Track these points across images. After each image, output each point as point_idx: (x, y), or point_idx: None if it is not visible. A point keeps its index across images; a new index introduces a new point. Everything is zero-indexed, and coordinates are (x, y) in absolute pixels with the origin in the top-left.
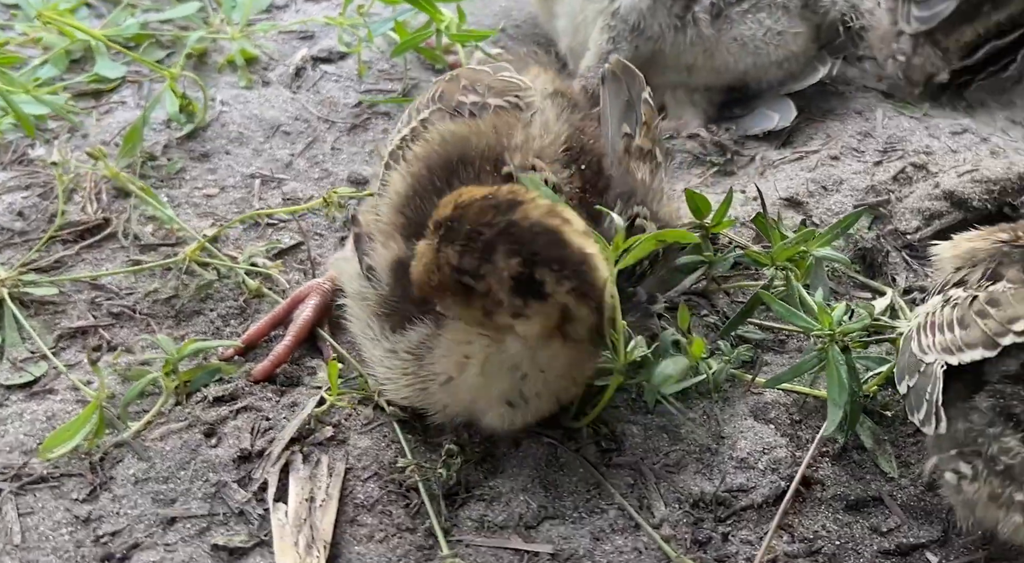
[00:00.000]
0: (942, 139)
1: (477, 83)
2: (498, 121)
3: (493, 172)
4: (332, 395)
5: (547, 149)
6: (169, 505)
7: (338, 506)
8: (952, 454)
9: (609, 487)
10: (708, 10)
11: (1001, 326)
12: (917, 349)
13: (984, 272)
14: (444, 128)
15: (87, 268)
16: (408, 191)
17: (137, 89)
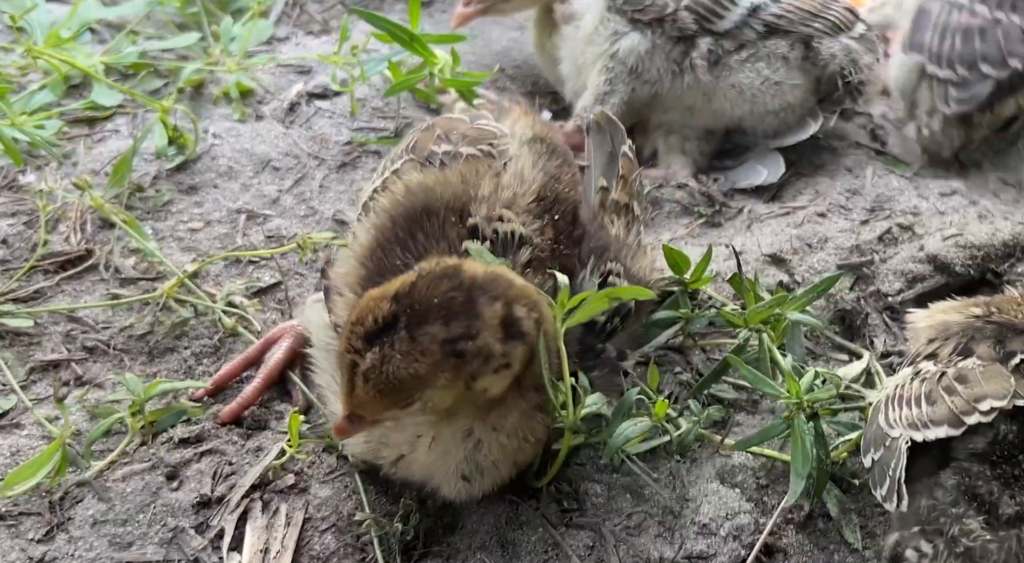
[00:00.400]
0: (931, 200)
1: (452, 132)
2: (467, 170)
3: (458, 223)
4: (292, 447)
5: (519, 199)
6: (125, 549)
7: (293, 557)
8: (915, 531)
9: (567, 548)
10: (706, 57)
11: (968, 404)
12: (884, 422)
13: (955, 346)
14: (410, 179)
15: (66, 299)
16: (371, 243)
17: (132, 118)
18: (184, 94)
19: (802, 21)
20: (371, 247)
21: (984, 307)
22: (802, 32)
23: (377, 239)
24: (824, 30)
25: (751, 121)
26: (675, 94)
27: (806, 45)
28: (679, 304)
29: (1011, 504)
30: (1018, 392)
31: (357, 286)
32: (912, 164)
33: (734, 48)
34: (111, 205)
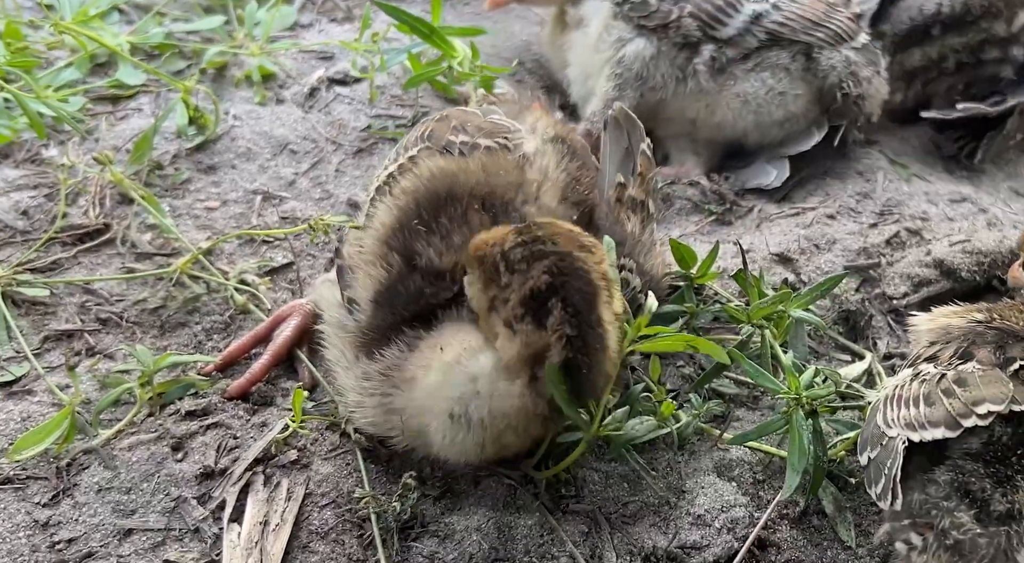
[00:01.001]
0: (940, 206)
1: (467, 124)
2: (487, 161)
3: (480, 210)
4: (295, 422)
5: (543, 195)
6: (128, 516)
7: (292, 531)
8: (905, 524)
9: (562, 534)
10: (709, 64)
11: (965, 407)
12: (882, 421)
13: (956, 350)
14: (433, 163)
15: (82, 271)
16: (394, 223)
17: (155, 98)
18: (207, 76)
19: (804, 30)
20: (394, 227)
21: (986, 313)
22: (804, 41)
23: (400, 220)
24: (826, 40)
25: (756, 133)
26: (679, 103)
27: (807, 56)
28: (684, 298)
29: (1002, 501)
30: (1015, 398)
31: (379, 264)
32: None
33: (738, 57)
34: (130, 181)
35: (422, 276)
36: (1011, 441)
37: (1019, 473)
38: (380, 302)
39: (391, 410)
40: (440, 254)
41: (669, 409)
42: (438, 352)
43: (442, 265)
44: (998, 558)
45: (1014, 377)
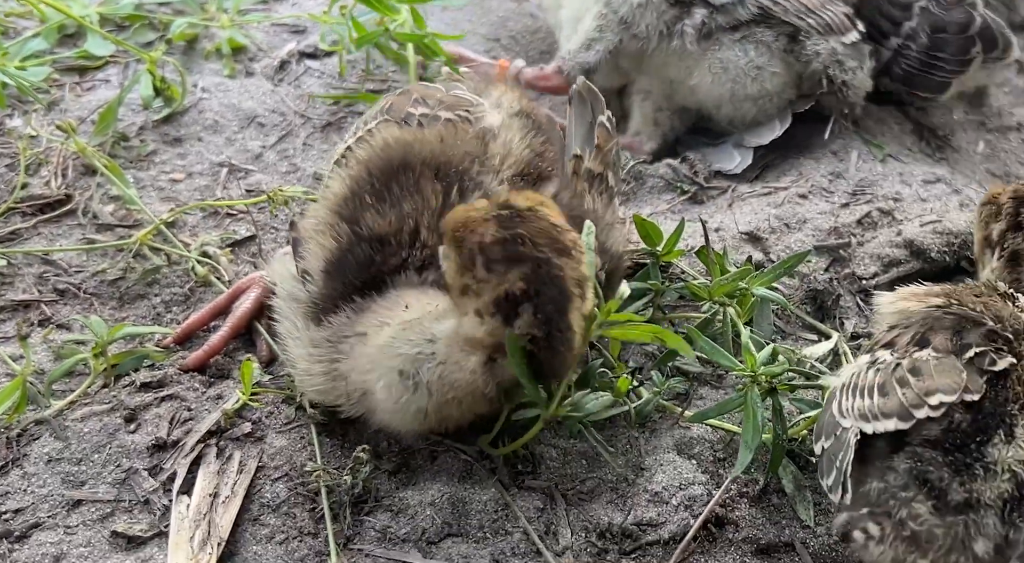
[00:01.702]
0: (913, 186)
1: (428, 97)
2: (446, 132)
3: (434, 179)
4: (245, 394)
5: (503, 169)
6: (77, 488)
7: (244, 504)
8: (863, 513)
9: (517, 510)
10: (698, 27)
11: (918, 398)
12: (836, 411)
13: (913, 336)
14: (388, 133)
15: (42, 242)
16: (346, 192)
17: (123, 69)
18: (177, 48)
19: (796, 12)
20: (345, 196)
21: (944, 297)
22: (793, 24)
23: (352, 188)
24: (815, 27)
25: (729, 107)
26: (660, 58)
27: (793, 38)
28: (650, 276)
29: (960, 491)
30: (968, 386)
31: (329, 233)
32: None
33: (727, 25)
34: (94, 150)
35: (370, 244)
36: (970, 428)
37: (978, 461)
38: (330, 272)
39: (338, 376)
40: (389, 222)
41: (625, 385)
42: (398, 310)
43: (390, 231)
44: (955, 548)
45: (969, 364)
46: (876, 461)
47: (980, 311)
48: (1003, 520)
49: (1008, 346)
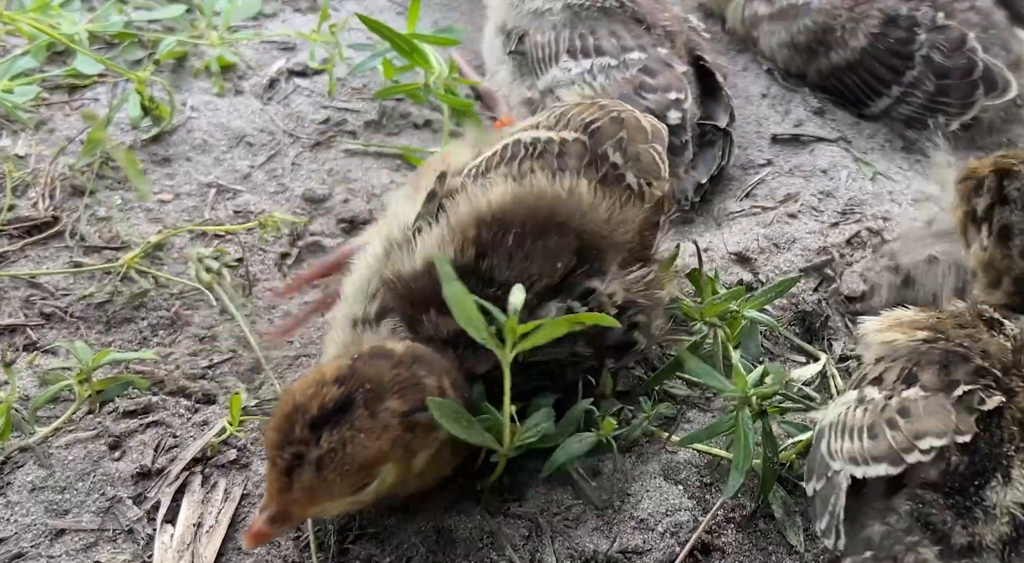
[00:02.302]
0: (903, 205)
1: (631, 144)
2: (609, 202)
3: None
4: (232, 425)
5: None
6: (61, 516)
7: (228, 533)
8: (867, 557)
9: (502, 538)
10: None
11: (908, 441)
12: (825, 451)
13: (900, 372)
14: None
15: (28, 265)
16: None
17: (112, 87)
18: (166, 66)
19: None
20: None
21: (930, 331)
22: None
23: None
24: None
25: None
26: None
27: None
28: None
29: (963, 535)
30: (959, 427)
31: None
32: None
33: None
34: (115, 144)
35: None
36: (968, 471)
37: (977, 504)
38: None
39: None
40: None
41: (610, 427)
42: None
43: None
44: None
45: (958, 403)
46: (875, 501)
47: (967, 346)
48: (1003, 562)
49: (996, 383)
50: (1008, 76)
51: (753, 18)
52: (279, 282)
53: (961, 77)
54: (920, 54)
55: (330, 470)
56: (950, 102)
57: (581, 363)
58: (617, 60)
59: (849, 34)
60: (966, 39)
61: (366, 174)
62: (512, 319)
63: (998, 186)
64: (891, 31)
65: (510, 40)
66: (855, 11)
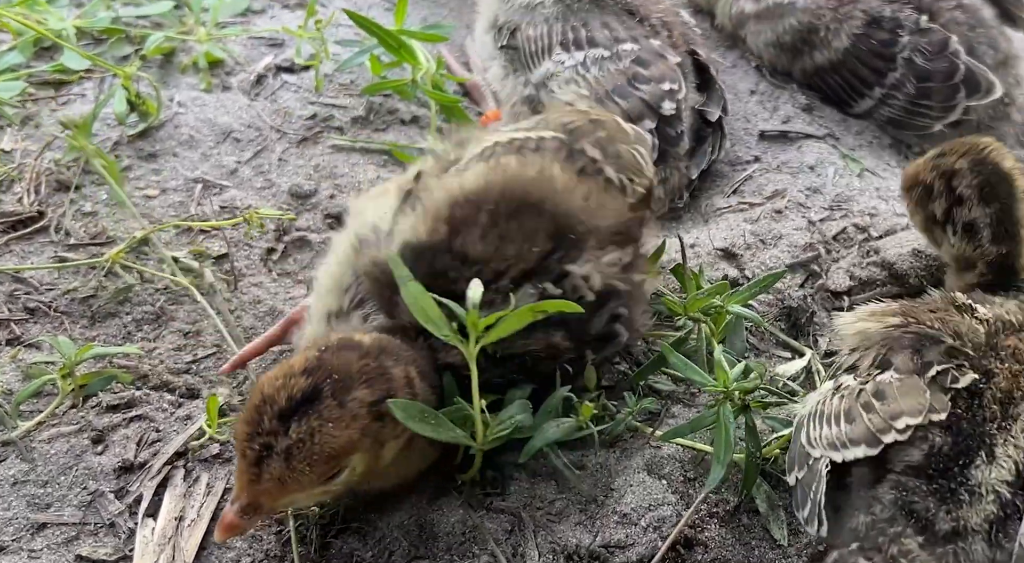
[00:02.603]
0: (890, 202)
1: (608, 143)
2: (592, 191)
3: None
4: (212, 428)
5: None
6: (43, 510)
7: (210, 526)
8: (853, 548)
9: (485, 532)
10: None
11: (884, 422)
12: (805, 440)
13: (874, 358)
14: (526, 160)
15: (13, 260)
16: (461, 195)
17: (99, 83)
18: (154, 62)
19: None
20: (455, 199)
21: (902, 316)
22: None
23: (464, 196)
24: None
25: None
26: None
27: None
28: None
29: (947, 520)
30: (934, 405)
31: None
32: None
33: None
34: (95, 148)
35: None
36: (952, 451)
37: (962, 485)
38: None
39: None
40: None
41: (588, 411)
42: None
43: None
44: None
45: (932, 383)
46: (860, 490)
47: (938, 328)
48: (990, 543)
49: (969, 361)
50: (992, 78)
51: (740, 16)
52: (265, 277)
53: (943, 80)
54: (902, 56)
55: (299, 460)
56: (931, 105)
57: (559, 355)
58: (610, 51)
59: (832, 35)
60: (948, 42)
61: (353, 170)
62: (472, 313)
63: (948, 188)
64: (874, 33)
65: (501, 35)
66: (839, 12)
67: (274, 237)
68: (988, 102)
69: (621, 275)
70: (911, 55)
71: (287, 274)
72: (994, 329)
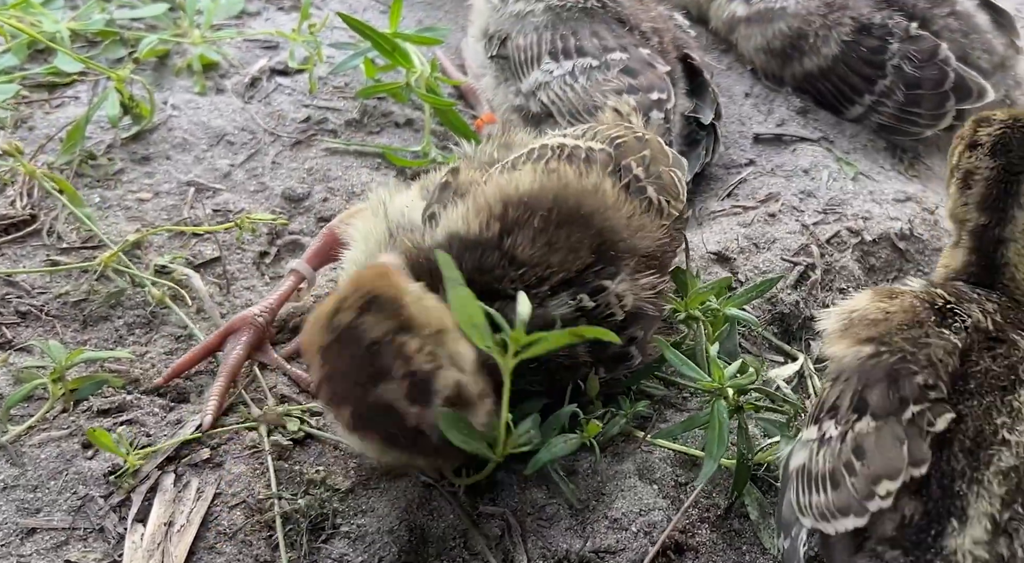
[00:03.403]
0: (884, 206)
1: (652, 162)
2: (631, 214)
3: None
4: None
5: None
6: (32, 515)
7: (200, 532)
8: None
9: (475, 537)
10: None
11: (867, 487)
12: (795, 505)
13: (852, 398)
14: (566, 173)
15: (5, 263)
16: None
17: (93, 86)
18: (148, 64)
19: (571, 113)
20: (491, 203)
21: (875, 344)
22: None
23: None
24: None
25: None
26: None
27: None
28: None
29: None
30: (913, 457)
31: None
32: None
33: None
34: (45, 172)
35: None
36: (923, 520)
37: (937, 556)
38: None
39: None
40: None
41: (595, 430)
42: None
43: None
44: None
45: (911, 425)
46: (842, 556)
47: (912, 356)
48: None
49: (945, 396)
50: (983, 83)
51: (731, 20)
52: (257, 281)
53: (932, 87)
54: (891, 64)
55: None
56: (921, 113)
57: (579, 368)
58: (599, 61)
59: (822, 41)
60: (938, 50)
61: (346, 173)
62: (518, 331)
63: (973, 132)
64: (864, 40)
65: (492, 44)
66: (828, 18)
67: (267, 241)
68: (982, 105)
69: (653, 299)
70: (900, 63)
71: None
72: (969, 343)
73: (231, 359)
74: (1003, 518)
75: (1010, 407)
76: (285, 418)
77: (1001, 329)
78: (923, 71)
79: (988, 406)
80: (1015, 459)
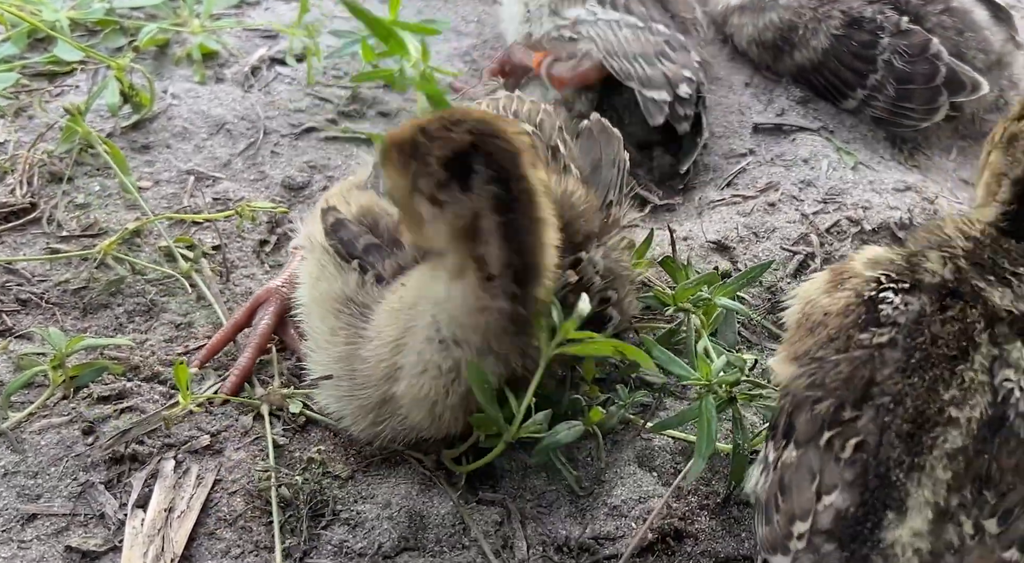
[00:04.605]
0: (883, 195)
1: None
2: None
3: None
4: (185, 399)
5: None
6: (33, 501)
7: (200, 518)
8: None
9: (474, 524)
10: None
11: (787, 527)
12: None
13: (784, 425)
14: None
15: (5, 251)
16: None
17: (93, 74)
18: (148, 53)
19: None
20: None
21: (804, 364)
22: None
23: None
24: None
25: None
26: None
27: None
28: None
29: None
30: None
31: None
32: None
33: None
34: (96, 134)
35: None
36: (859, 512)
37: (874, 549)
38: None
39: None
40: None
41: (597, 416)
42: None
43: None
44: None
45: (827, 450)
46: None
47: (831, 379)
48: None
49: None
50: (977, 76)
51: (726, 9)
52: (257, 269)
53: (923, 82)
54: (882, 58)
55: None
56: (913, 107)
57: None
58: (644, 23)
59: (811, 34)
60: (929, 44)
61: (346, 161)
62: (572, 322)
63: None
64: (854, 34)
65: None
66: (819, 11)
67: (267, 229)
68: (977, 98)
69: (618, 260)
70: (891, 57)
71: (280, 266)
72: (913, 316)
73: (260, 327)
74: (950, 504)
75: (960, 379)
76: (287, 400)
77: (964, 281)
78: (914, 66)
79: (933, 381)
80: (963, 438)
